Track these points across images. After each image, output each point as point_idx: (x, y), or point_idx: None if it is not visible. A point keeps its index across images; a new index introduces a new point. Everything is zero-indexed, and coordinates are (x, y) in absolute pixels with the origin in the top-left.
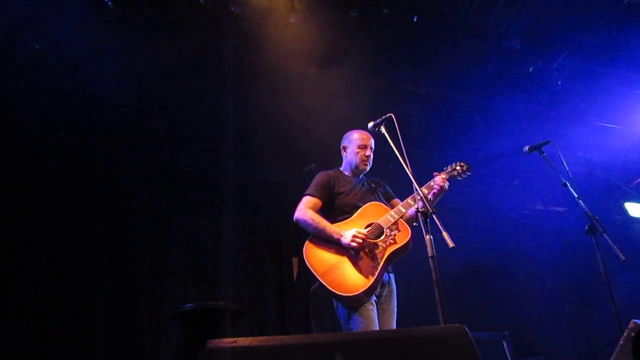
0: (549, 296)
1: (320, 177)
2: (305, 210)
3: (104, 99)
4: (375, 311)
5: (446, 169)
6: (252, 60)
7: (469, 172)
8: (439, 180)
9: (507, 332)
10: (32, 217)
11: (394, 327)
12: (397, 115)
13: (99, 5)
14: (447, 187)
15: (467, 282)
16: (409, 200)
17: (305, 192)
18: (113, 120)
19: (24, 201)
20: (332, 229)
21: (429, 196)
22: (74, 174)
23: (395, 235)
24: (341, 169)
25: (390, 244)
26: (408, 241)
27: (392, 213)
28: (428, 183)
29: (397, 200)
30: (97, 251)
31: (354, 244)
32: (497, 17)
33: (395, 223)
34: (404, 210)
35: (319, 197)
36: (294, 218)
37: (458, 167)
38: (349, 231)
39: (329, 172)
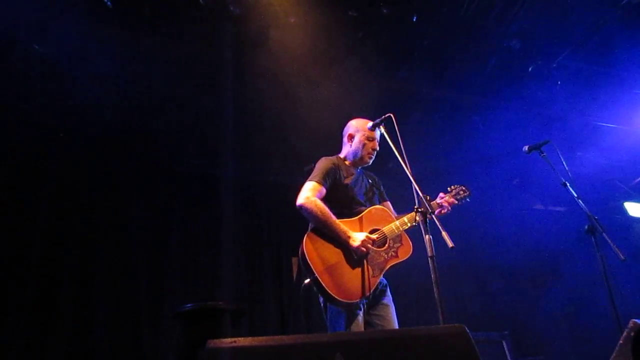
0: (549, 296)
1: (325, 163)
2: (314, 199)
3: (103, 99)
4: (362, 314)
5: (451, 192)
6: (252, 60)
7: (469, 198)
8: (446, 202)
9: (507, 332)
10: (32, 217)
11: (396, 321)
12: (397, 115)
13: (98, 5)
14: (450, 211)
15: (467, 282)
16: (414, 214)
17: (311, 178)
18: (113, 121)
19: (24, 201)
20: (342, 228)
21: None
22: (73, 174)
23: (398, 248)
24: (342, 156)
25: (392, 257)
26: (409, 257)
27: (398, 224)
28: (435, 202)
29: (388, 203)
30: (97, 251)
31: (363, 249)
32: (496, 17)
33: (399, 235)
34: (409, 224)
35: (325, 186)
36: (298, 204)
37: (462, 192)
38: (358, 234)
39: (333, 159)
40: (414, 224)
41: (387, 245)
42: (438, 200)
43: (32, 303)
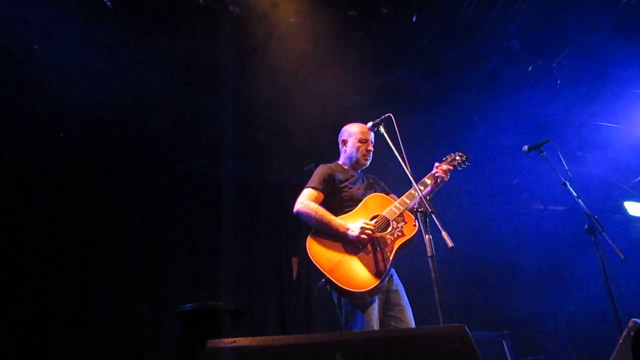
0: (549, 296)
1: (322, 169)
2: (308, 202)
3: (103, 99)
4: (377, 311)
5: (446, 159)
6: (252, 60)
7: (468, 162)
8: (440, 171)
9: (507, 332)
10: (32, 218)
11: (412, 321)
12: (396, 115)
13: (98, 5)
14: (447, 178)
15: (467, 282)
16: (412, 191)
17: (307, 185)
18: (113, 120)
19: (23, 202)
20: (338, 222)
21: (429, 188)
22: (73, 174)
23: (402, 227)
24: (340, 162)
25: (399, 236)
26: (416, 233)
27: (397, 204)
28: (431, 173)
29: (393, 195)
30: (97, 251)
31: (363, 236)
32: (496, 16)
33: (401, 215)
34: (408, 202)
35: (320, 191)
36: (295, 210)
37: (458, 157)
38: (355, 223)
39: (330, 165)
40: (413, 200)
41: (391, 227)
42: (433, 171)
43: (32, 303)
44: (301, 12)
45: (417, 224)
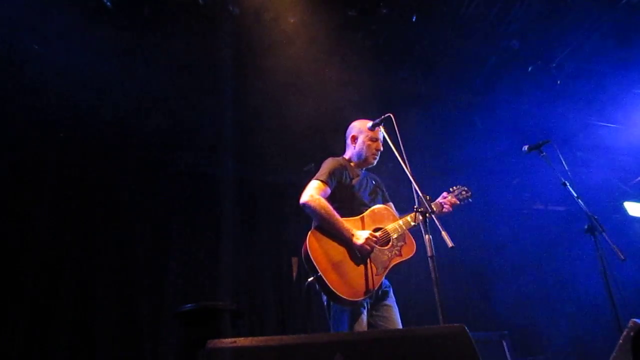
0: (549, 296)
1: (332, 163)
2: (318, 197)
3: (103, 99)
4: (366, 315)
5: (454, 191)
6: (251, 60)
7: (470, 199)
8: (448, 203)
9: (507, 332)
10: (32, 218)
11: (399, 322)
12: (396, 115)
13: (98, 5)
14: (450, 211)
15: (467, 282)
16: (417, 215)
17: (316, 177)
18: (113, 120)
19: (25, 201)
20: (345, 226)
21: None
22: (73, 174)
23: (401, 247)
24: (347, 157)
25: (396, 255)
26: (412, 256)
27: (401, 223)
28: (439, 202)
29: (391, 204)
30: (97, 251)
31: (367, 247)
32: (496, 17)
33: (402, 234)
34: (412, 223)
35: (329, 185)
36: (302, 202)
37: (464, 192)
38: (362, 232)
39: (339, 159)
40: (417, 223)
41: (390, 243)
42: (440, 199)
43: (32, 302)
44: (301, 12)
45: (415, 248)
